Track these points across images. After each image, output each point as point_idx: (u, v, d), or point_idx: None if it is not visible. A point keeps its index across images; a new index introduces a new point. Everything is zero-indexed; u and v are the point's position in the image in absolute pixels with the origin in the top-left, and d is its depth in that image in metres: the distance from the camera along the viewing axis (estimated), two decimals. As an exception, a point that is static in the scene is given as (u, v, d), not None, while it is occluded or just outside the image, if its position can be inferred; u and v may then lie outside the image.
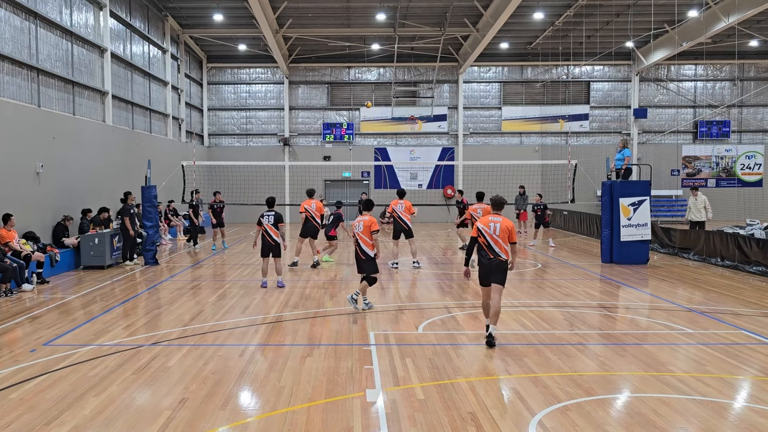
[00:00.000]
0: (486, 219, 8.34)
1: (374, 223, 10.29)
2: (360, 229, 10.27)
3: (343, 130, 32.09)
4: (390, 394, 6.34)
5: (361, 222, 10.32)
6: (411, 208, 15.14)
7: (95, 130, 18.69)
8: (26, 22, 15.39)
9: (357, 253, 10.35)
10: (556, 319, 9.82)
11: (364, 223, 10.29)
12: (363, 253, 10.27)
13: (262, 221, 12.41)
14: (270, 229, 12.34)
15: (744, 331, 8.94)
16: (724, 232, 16.30)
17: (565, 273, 14.68)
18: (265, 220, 12.38)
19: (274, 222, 12.36)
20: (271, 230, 12.34)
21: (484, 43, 26.11)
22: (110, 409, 5.99)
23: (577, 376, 6.91)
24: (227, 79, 32.47)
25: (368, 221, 10.30)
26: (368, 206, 10.79)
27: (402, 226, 15.09)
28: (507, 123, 32.48)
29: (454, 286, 13.07)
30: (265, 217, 12.42)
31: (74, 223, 16.16)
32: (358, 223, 10.36)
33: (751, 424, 5.61)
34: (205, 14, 25.98)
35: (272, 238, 12.37)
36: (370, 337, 8.63)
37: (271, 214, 12.44)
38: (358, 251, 10.30)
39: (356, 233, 10.30)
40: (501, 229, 8.17)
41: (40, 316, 10.17)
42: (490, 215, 8.38)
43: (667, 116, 32.75)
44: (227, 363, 7.44)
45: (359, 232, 10.26)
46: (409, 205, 15.15)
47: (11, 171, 14.06)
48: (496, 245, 8.14)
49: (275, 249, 12.48)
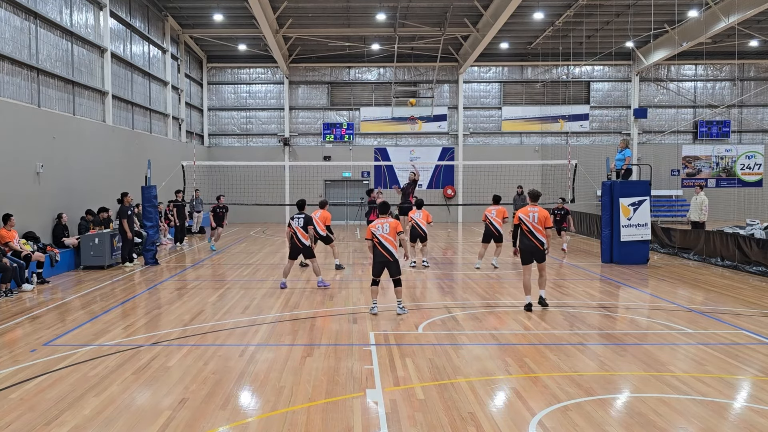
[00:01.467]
0: (525, 209, 10.22)
1: (399, 225, 10.01)
2: (387, 231, 9.83)
3: (343, 130, 32.09)
4: (390, 394, 6.34)
5: (386, 224, 9.86)
6: (429, 218, 15.43)
7: (95, 130, 18.69)
8: (26, 22, 15.39)
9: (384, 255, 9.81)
10: (556, 319, 9.81)
11: (390, 225, 9.87)
12: (391, 255, 9.83)
13: (291, 224, 12.31)
14: (299, 231, 12.23)
15: (744, 331, 8.94)
16: (724, 232, 16.30)
17: (565, 273, 14.68)
18: (294, 222, 12.28)
19: (303, 225, 12.25)
20: (300, 233, 12.23)
21: (484, 43, 26.11)
22: (110, 409, 5.99)
23: (577, 376, 6.91)
24: (227, 79, 32.47)
25: (393, 223, 9.89)
26: (384, 209, 10.21)
27: (419, 232, 15.28)
28: (507, 123, 32.49)
29: (454, 286, 13.07)
30: (295, 219, 12.32)
31: (72, 221, 16.14)
32: (382, 225, 9.86)
33: (751, 424, 5.61)
34: (205, 14, 25.98)
35: (301, 241, 12.26)
36: (370, 337, 8.63)
37: (301, 216, 12.32)
38: (385, 254, 9.80)
39: (381, 235, 9.80)
40: (539, 217, 10.10)
41: (40, 316, 10.17)
42: (528, 206, 10.25)
43: (667, 116, 32.75)
44: (227, 363, 7.44)
45: (385, 234, 9.81)
46: (426, 214, 15.40)
47: (11, 171, 14.06)
48: (536, 230, 10.05)
49: (305, 251, 12.37)
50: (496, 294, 11.98)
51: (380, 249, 9.81)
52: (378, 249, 9.83)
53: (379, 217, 10.09)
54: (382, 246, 9.79)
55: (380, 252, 9.82)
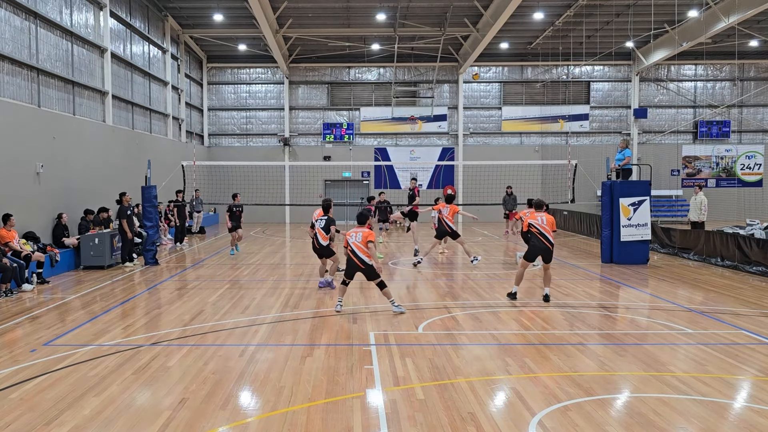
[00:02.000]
0: (534, 215, 11.26)
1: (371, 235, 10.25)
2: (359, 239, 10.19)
3: (343, 130, 32.09)
4: (390, 394, 6.34)
5: (360, 233, 10.22)
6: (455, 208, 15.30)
7: (95, 130, 18.69)
8: (26, 22, 15.39)
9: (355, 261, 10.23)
10: (556, 319, 9.81)
11: (363, 234, 10.20)
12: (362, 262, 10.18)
13: (315, 224, 12.41)
14: (319, 233, 12.31)
15: (744, 331, 8.94)
16: (724, 232, 16.30)
17: (565, 273, 14.68)
18: (317, 224, 12.37)
19: (324, 226, 12.32)
20: (320, 234, 12.31)
21: (484, 43, 26.11)
22: (110, 409, 5.99)
23: (577, 376, 6.91)
24: (227, 79, 32.48)
25: (366, 233, 10.22)
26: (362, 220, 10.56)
27: (446, 229, 15.16)
28: (507, 123, 32.49)
29: (454, 286, 13.07)
30: (318, 221, 12.40)
31: (72, 221, 16.15)
32: (356, 233, 10.24)
33: (751, 424, 5.61)
34: (205, 14, 25.98)
35: (318, 242, 12.33)
36: (370, 337, 8.63)
37: (324, 218, 12.39)
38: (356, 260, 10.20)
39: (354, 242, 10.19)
40: (547, 221, 11.09)
41: (40, 316, 10.17)
42: (535, 212, 11.30)
43: (667, 116, 32.76)
44: (227, 363, 7.44)
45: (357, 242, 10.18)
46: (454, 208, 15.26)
47: (11, 171, 14.07)
48: (546, 232, 11.00)
49: (322, 250, 12.41)
50: (496, 294, 11.98)
51: (352, 256, 10.24)
52: (350, 256, 10.28)
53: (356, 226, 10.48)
54: (354, 253, 10.20)
55: (352, 258, 10.25)
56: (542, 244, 11.04)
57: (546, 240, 11.02)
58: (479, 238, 23.17)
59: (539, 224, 11.04)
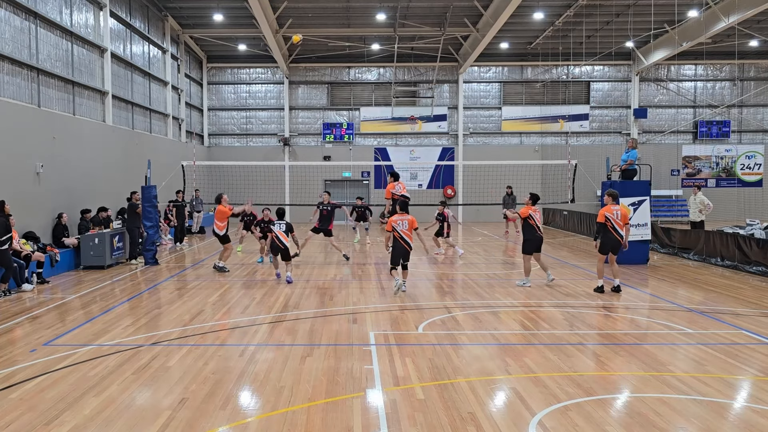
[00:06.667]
0: (609, 208, 11.75)
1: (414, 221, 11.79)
2: (405, 227, 11.63)
3: (343, 130, 32.10)
4: (390, 394, 6.34)
5: (405, 221, 11.66)
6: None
7: (95, 130, 18.69)
8: (26, 22, 15.39)
9: (402, 245, 11.60)
10: (556, 319, 9.82)
11: (408, 221, 11.68)
12: (408, 246, 11.73)
13: (273, 228, 13.35)
14: (281, 235, 13.25)
15: (744, 331, 8.94)
16: (724, 232, 16.29)
17: (565, 273, 14.68)
18: (275, 227, 13.30)
19: (285, 230, 13.30)
20: (281, 236, 13.25)
21: (484, 43, 26.11)
22: (110, 409, 5.99)
23: (577, 376, 6.91)
24: (227, 79, 32.48)
25: (411, 220, 11.76)
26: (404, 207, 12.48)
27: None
28: (507, 123, 32.49)
29: (454, 286, 13.07)
30: (276, 225, 13.36)
31: (72, 221, 16.17)
32: (402, 221, 11.63)
33: (751, 424, 5.61)
34: (205, 14, 25.98)
35: (281, 242, 13.25)
36: (370, 337, 8.63)
37: (282, 223, 13.37)
38: (404, 244, 11.60)
39: (402, 230, 11.59)
40: (621, 214, 11.71)
41: (40, 316, 10.17)
42: (612, 205, 11.80)
43: (667, 116, 32.76)
44: (227, 363, 7.44)
45: (405, 229, 11.62)
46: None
47: (11, 171, 14.07)
48: (619, 227, 11.66)
49: (284, 252, 13.36)
50: (496, 294, 11.98)
51: (400, 241, 11.57)
52: (398, 241, 11.57)
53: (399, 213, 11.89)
54: (402, 239, 11.57)
55: (400, 243, 11.57)
56: (613, 238, 11.88)
57: (618, 234, 11.78)
58: (479, 238, 23.17)
59: (614, 218, 11.77)
